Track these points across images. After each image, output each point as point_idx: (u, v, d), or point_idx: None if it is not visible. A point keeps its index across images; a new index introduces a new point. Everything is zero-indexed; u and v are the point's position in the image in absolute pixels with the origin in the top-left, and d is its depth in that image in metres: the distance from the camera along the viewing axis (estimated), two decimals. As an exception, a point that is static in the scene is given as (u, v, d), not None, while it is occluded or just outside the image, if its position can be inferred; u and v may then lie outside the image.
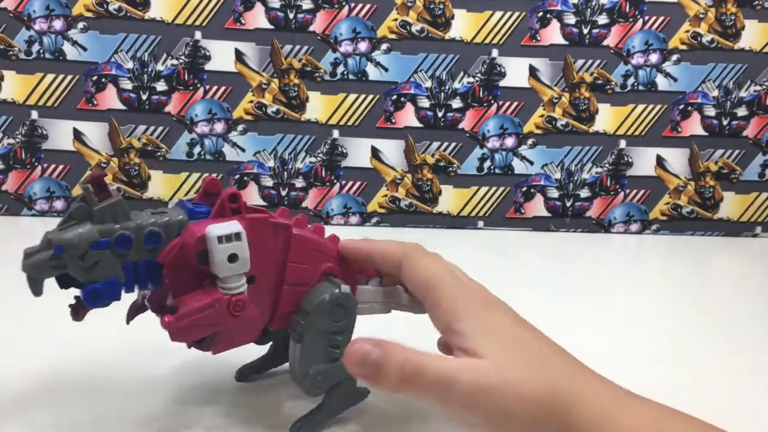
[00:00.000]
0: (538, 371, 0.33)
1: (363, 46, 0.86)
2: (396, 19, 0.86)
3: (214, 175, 0.86)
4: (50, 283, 0.36)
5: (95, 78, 0.84)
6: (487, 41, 0.87)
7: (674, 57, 0.88)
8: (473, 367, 0.33)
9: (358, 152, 0.88)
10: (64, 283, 0.35)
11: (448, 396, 0.33)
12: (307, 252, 0.38)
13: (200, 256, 0.34)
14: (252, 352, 0.44)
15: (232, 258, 0.34)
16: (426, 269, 0.37)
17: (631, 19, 0.87)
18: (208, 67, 0.85)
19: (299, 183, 0.89)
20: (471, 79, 0.88)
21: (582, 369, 0.34)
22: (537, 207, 0.92)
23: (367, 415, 0.42)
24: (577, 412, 0.32)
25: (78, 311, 0.37)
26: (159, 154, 0.87)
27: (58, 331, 0.52)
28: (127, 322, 0.39)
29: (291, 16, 0.85)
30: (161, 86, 0.85)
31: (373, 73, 0.87)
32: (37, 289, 0.34)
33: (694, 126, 0.90)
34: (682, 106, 0.90)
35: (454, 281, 0.36)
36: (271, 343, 0.44)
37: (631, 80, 0.89)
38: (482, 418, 0.33)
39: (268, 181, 0.88)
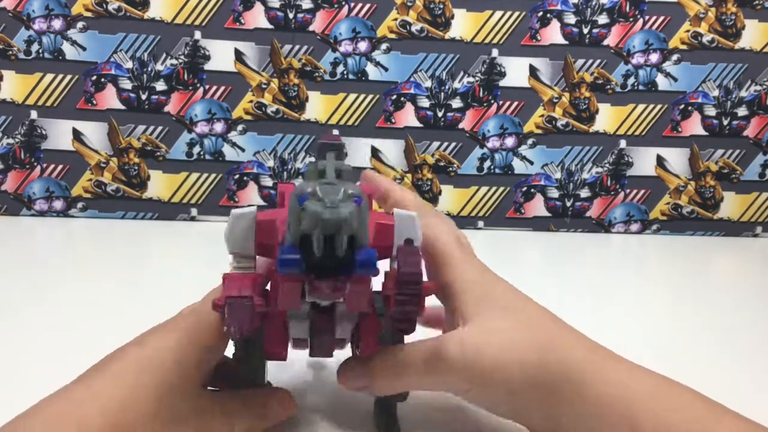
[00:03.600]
0: (526, 333, 0.34)
1: (363, 45, 0.86)
2: (396, 19, 0.85)
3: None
4: (51, 285, 0.36)
5: (95, 78, 0.84)
6: (487, 41, 0.87)
7: (674, 57, 0.88)
8: (458, 336, 0.34)
9: (357, 152, 0.88)
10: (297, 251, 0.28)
11: (432, 370, 0.34)
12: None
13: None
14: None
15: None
16: (434, 233, 0.37)
17: (631, 19, 0.87)
18: (208, 66, 0.85)
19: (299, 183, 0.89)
20: (471, 79, 0.87)
21: (573, 332, 0.35)
22: (537, 207, 0.92)
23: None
24: (567, 371, 0.32)
25: (337, 287, 0.28)
26: (158, 154, 0.87)
27: (58, 331, 0.52)
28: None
29: (291, 15, 0.85)
30: (161, 86, 0.85)
31: (372, 72, 0.86)
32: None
33: (694, 126, 0.90)
34: (682, 106, 0.90)
35: (461, 256, 0.37)
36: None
37: (631, 80, 0.89)
38: (473, 382, 0.34)
39: (268, 181, 0.88)
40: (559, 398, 0.32)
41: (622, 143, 0.90)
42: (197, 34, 0.84)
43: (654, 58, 0.88)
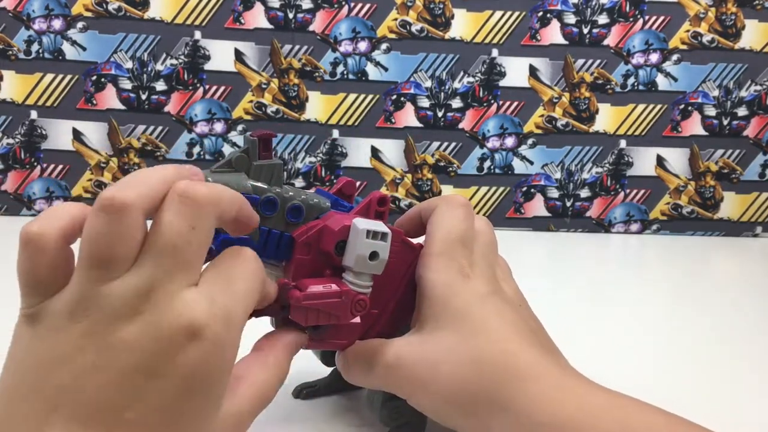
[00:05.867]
0: (468, 344, 0.32)
1: (363, 45, 0.86)
2: (396, 19, 0.85)
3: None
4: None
5: (94, 78, 0.84)
6: (487, 41, 0.87)
7: (674, 57, 0.88)
8: (398, 345, 0.34)
9: (357, 152, 0.88)
10: None
11: (372, 370, 0.34)
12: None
13: (338, 246, 0.34)
14: (312, 372, 0.43)
15: (373, 256, 0.33)
16: (435, 227, 0.37)
17: (631, 19, 0.87)
18: (208, 66, 0.85)
19: (299, 183, 0.89)
20: (471, 79, 0.87)
21: (529, 343, 0.33)
22: (537, 207, 0.92)
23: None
24: (510, 393, 0.31)
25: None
26: (158, 154, 0.87)
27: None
28: None
29: (291, 15, 0.85)
30: (161, 86, 0.85)
31: (372, 72, 0.86)
32: None
33: (694, 126, 0.90)
34: (682, 106, 0.89)
35: (442, 252, 0.35)
36: (334, 368, 0.42)
37: (631, 80, 0.89)
38: (406, 391, 0.34)
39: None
40: (492, 413, 0.31)
41: (622, 143, 0.90)
42: (197, 34, 0.84)
43: (654, 58, 0.88)
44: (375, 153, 0.89)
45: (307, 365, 0.41)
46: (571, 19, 0.87)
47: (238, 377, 0.28)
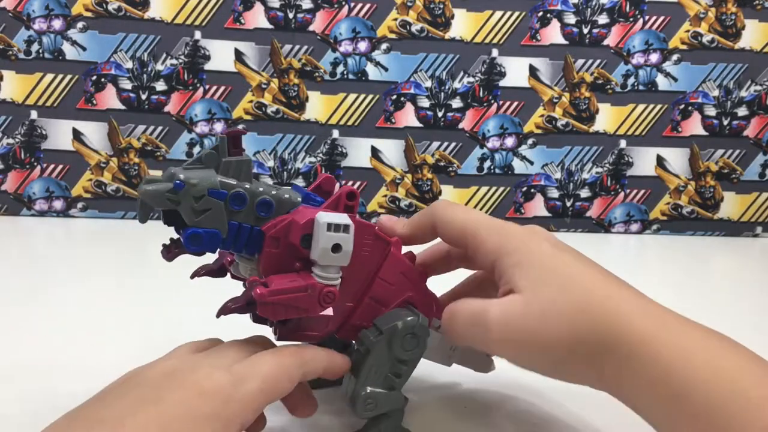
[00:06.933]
0: (569, 299, 0.33)
1: (363, 45, 0.86)
2: (396, 19, 0.85)
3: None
4: (51, 285, 0.35)
5: (95, 78, 0.84)
6: (487, 41, 0.87)
7: (674, 57, 0.88)
8: (502, 302, 0.34)
9: (357, 152, 0.88)
10: (170, 220, 0.35)
11: (480, 332, 0.34)
12: (397, 273, 0.37)
13: (304, 239, 0.34)
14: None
15: (336, 248, 0.34)
16: (461, 216, 0.37)
17: (631, 19, 0.87)
18: (208, 66, 0.85)
19: (299, 183, 0.89)
20: (471, 79, 0.87)
21: (621, 290, 0.34)
22: (537, 207, 0.92)
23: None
24: (617, 336, 0.31)
25: (170, 251, 0.37)
26: (158, 153, 0.87)
27: (58, 331, 0.52)
28: (192, 277, 0.40)
29: (291, 15, 0.85)
30: (161, 86, 0.85)
31: (372, 72, 0.86)
32: (144, 216, 0.35)
33: (694, 126, 0.90)
34: (682, 106, 0.90)
35: (491, 222, 0.36)
36: None
37: (631, 80, 0.89)
38: (513, 350, 0.34)
39: (268, 182, 0.88)
40: (603, 355, 0.31)
41: (622, 143, 0.90)
42: (197, 34, 0.84)
43: (654, 58, 0.88)
44: (375, 153, 0.89)
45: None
46: (571, 19, 0.87)
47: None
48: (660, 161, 0.91)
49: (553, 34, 0.87)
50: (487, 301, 0.35)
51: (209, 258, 0.38)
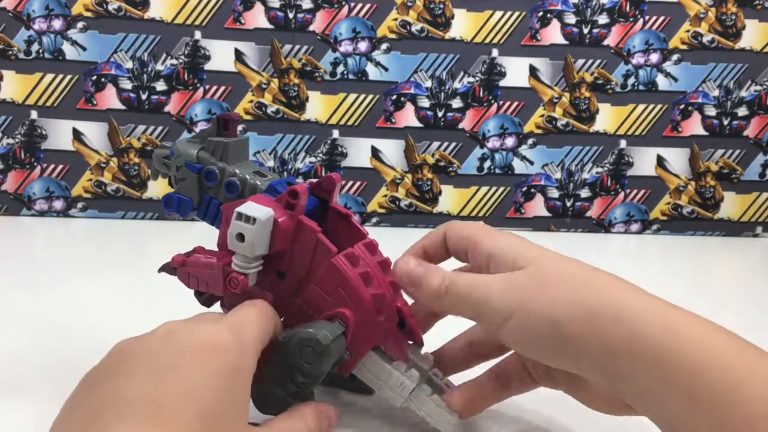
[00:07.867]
0: (569, 269, 0.34)
1: (363, 45, 0.86)
2: (396, 19, 0.85)
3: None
4: (51, 285, 0.35)
5: (95, 78, 0.84)
6: (487, 41, 0.87)
7: (675, 57, 0.88)
8: (502, 275, 0.35)
9: (358, 152, 0.88)
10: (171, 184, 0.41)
11: (479, 304, 0.34)
12: (333, 285, 0.37)
13: None
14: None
15: (240, 237, 0.35)
16: (470, 226, 0.39)
17: (631, 19, 0.87)
18: (208, 66, 0.85)
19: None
20: (471, 79, 0.87)
21: (627, 287, 0.34)
22: (537, 207, 0.92)
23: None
24: (629, 327, 0.31)
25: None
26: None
27: (58, 331, 0.52)
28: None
29: (291, 15, 0.85)
30: (161, 86, 0.85)
31: (373, 72, 0.86)
32: (153, 175, 0.42)
33: (694, 126, 0.90)
34: (682, 106, 0.90)
35: (498, 232, 0.37)
36: None
37: (631, 80, 0.89)
38: (513, 313, 0.33)
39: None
40: (614, 344, 0.31)
41: (622, 143, 0.90)
42: (197, 34, 0.84)
43: (654, 58, 0.88)
44: (375, 153, 0.89)
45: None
46: (571, 19, 0.87)
47: None
48: (660, 161, 0.91)
49: (553, 34, 0.87)
50: (485, 276, 0.35)
51: None
